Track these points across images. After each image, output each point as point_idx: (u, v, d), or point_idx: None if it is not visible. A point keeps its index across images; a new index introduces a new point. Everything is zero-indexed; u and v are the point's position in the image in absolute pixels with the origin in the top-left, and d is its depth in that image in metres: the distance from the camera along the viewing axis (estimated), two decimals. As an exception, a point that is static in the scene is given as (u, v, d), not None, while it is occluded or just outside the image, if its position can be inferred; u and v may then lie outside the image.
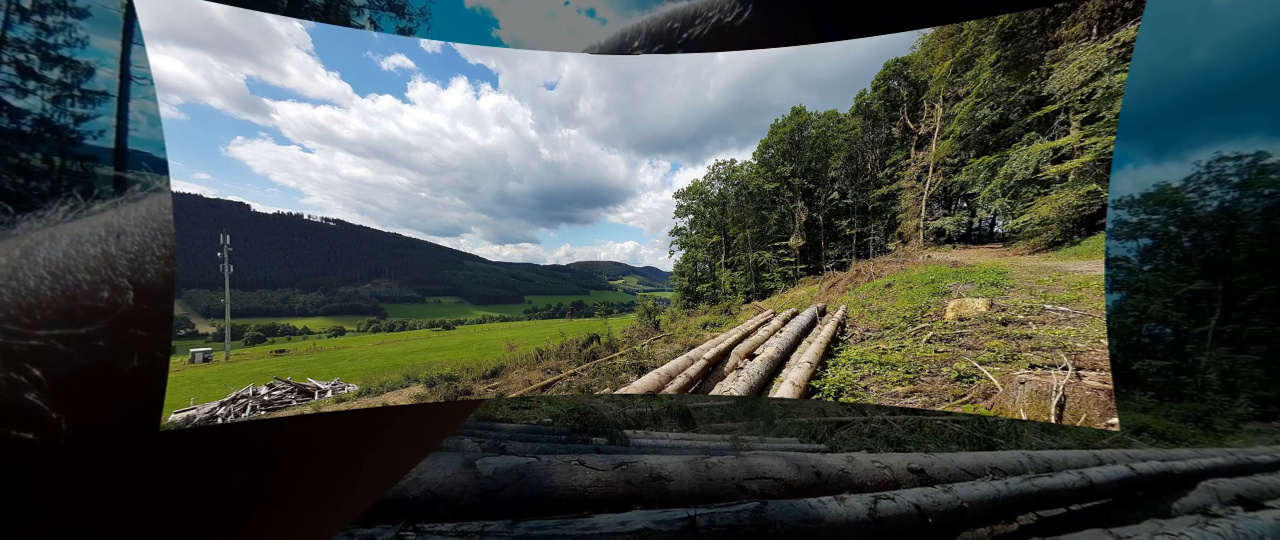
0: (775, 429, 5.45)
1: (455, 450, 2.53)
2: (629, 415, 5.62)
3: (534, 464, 1.77)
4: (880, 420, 5.72)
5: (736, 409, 5.65)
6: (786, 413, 5.16)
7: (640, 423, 5.55)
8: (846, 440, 5.42)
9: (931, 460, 3.32)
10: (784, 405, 5.04)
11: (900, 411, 5.58)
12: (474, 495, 1.64)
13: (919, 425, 6.34)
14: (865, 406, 4.77)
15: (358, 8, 17.12)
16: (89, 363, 0.50)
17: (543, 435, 3.75)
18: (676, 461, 1.87)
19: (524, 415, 5.73)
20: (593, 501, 1.66)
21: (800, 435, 5.35)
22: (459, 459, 1.81)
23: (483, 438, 3.16)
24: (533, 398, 5.44)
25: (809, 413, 4.94)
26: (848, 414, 4.98)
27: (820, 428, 5.51)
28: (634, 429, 4.99)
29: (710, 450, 3.43)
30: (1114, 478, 4.12)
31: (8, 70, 13.03)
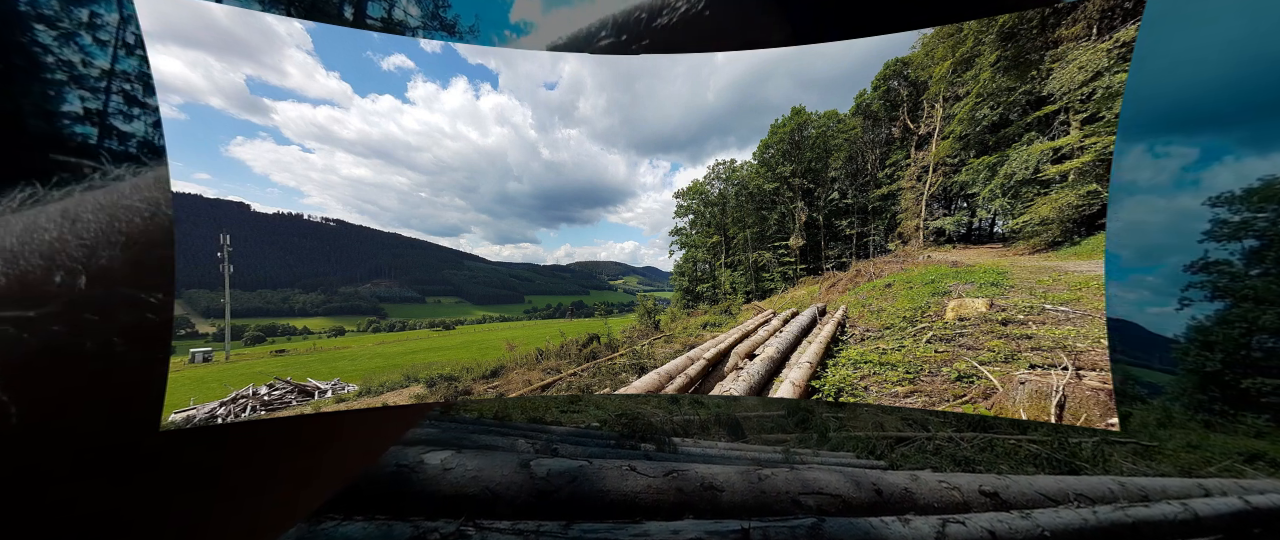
0: (830, 442, 5.18)
1: (510, 450, 2.52)
2: (677, 422, 5.52)
3: (586, 467, 1.77)
4: (945, 437, 5.21)
5: (788, 420, 5.35)
6: (841, 426, 4.83)
7: (688, 430, 5.44)
8: (908, 457, 5.09)
9: (1006, 483, 3.10)
10: (838, 418, 4.77)
11: (969, 428, 5.07)
12: (529, 495, 1.65)
13: (990, 444, 5.86)
14: (928, 422, 4.45)
15: (413, 29, 18.03)
16: (41, 347, 0.50)
17: (592, 439, 3.68)
18: (728, 472, 1.85)
19: (573, 419, 5.67)
20: (644, 508, 1.66)
21: (857, 450, 5.05)
22: (515, 459, 1.82)
23: (535, 439, 3.14)
24: (582, 402, 5.41)
25: (866, 426, 4.63)
26: (909, 429, 4.61)
27: (878, 443, 5.18)
28: (682, 436, 4.89)
29: (762, 461, 3.29)
30: (1224, 511, 3.68)
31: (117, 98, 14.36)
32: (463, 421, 3.98)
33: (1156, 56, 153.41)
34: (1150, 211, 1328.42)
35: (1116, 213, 34.72)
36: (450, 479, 1.73)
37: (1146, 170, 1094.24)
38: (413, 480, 1.72)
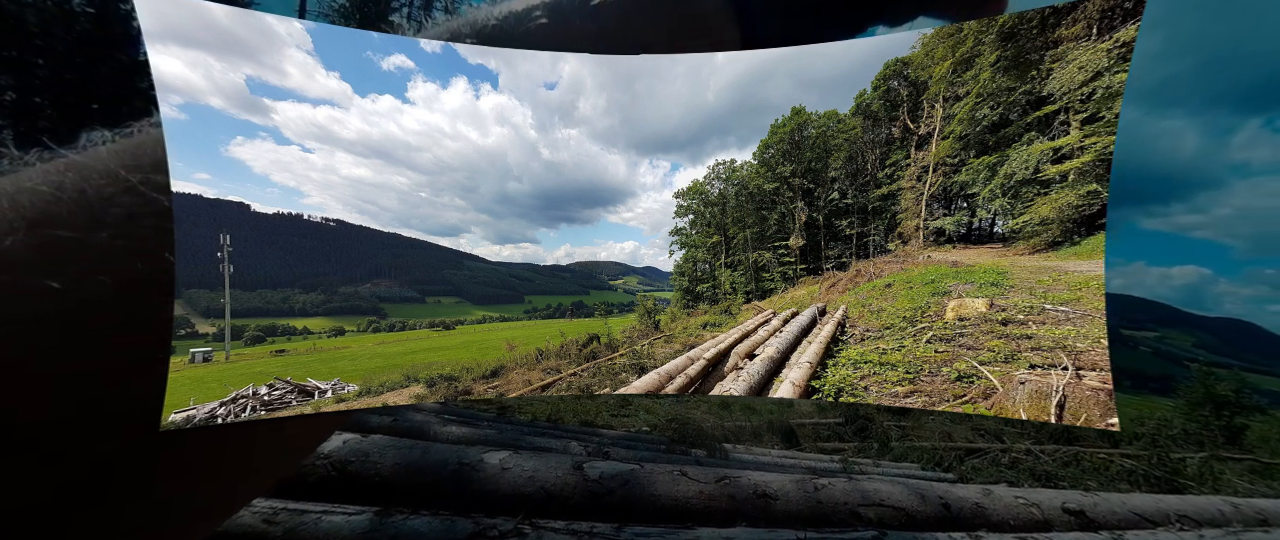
0: (892, 452, 4.72)
1: (563, 452, 2.52)
2: (728, 428, 5.35)
3: (637, 471, 1.78)
4: (1023, 449, 4.60)
5: (845, 428, 4.96)
6: (904, 435, 4.40)
7: (739, 437, 5.26)
8: (980, 471, 4.53)
9: (1094, 501, 2.79)
10: (901, 427, 4.38)
11: (1050, 440, 4.36)
12: (582, 496, 1.67)
13: (1075, 458, 5.06)
14: (1003, 432, 4.00)
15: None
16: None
17: (642, 443, 3.60)
18: (782, 480, 1.82)
19: (623, 422, 5.56)
20: (695, 513, 1.66)
21: (922, 461, 4.59)
22: (568, 461, 1.83)
23: (587, 442, 3.10)
24: (632, 404, 5.26)
25: (931, 436, 4.24)
26: (981, 440, 4.15)
27: (946, 454, 4.66)
28: (733, 443, 4.73)
29: (817, 470, 3.08)
30: (1366, 539, 3.07)
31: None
32: (517, 423, 3.97)
33: (1276, 11, 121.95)
34: (1269, 196, 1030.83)
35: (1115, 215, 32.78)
36: (508, 478, 1.76)
37: (1264, 148, 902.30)
38: (473, 478, 1.76)
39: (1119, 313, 22.49)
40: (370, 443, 1.90)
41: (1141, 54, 2.23)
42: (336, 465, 1.78)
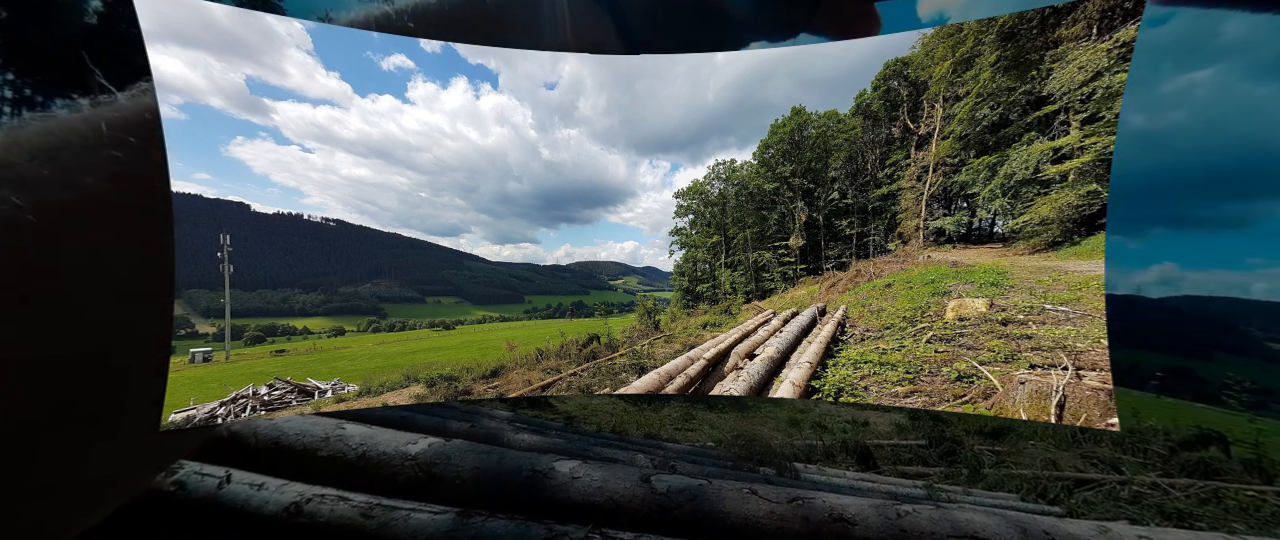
0: (984, 480, 4.35)
1: (630, 464, 2.51)
2: (798, 447, 5.24)
3: (706, 487, 1.77)
4: (1148, 483, 4.06)
5: (929, 451, 4.65)
6: (1000, 461, 4.01)
7: (810, 456, 5.14)
8: (1093, 505, 4.03)
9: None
10: (995, 452, 4.06)
11: (1181, 473, 3.74)
12: (650, 509, 1.67)
13: (1215, 495, 4.36)
14: (1121, 463, 3.62)
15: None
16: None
17: (708, 458, 3.55)
18: (860, 504, 1.78)
19: (688, 436, 5.49)
20: (766, 534, 1.65)
21: (1021, 491, 4.17)
22: (636, 473, 1.84)
23: (653, 454, 3.07)
24: (697, 420, 5.16)
25: (1033, 464, 3.88)
26: (1093, 469, 3.75)
27: (1050, 484, 4.20)
28: (804, 462, 4.62)
29: (899, 496, 2.92)
30: None
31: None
32: (584, 434, 3.98)
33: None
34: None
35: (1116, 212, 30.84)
36: (578, 487, 1.78)
37: None
38: (545, 485, 1.78)
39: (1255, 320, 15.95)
40: (452, 447, 1.92)
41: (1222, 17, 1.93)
42: (423, 467, 1.80)
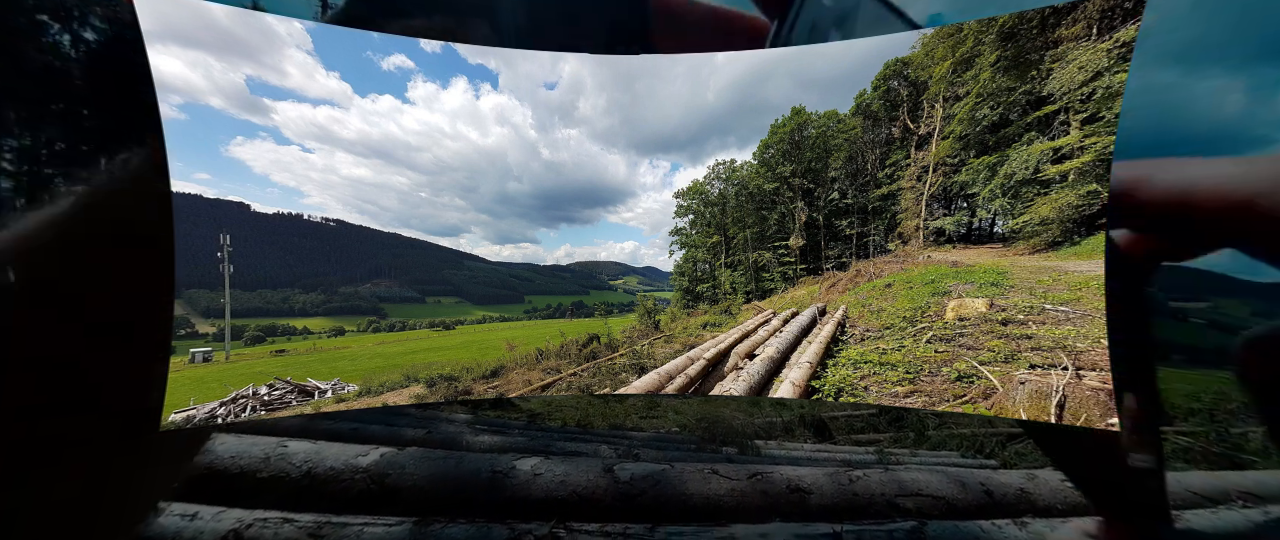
0: (929, 441, 4.69)
1: (593, 456, 2.55)
2: (759, 425, 5.39)
3: (668, 471, 1.80)
4: None
5: (879, 419, 4.87)
6: (942, 423, 4.29)
7: (771, 433, 5.31)
8: (1024, 456, 4.42)
9: None
10: (938, 415, 4.27)
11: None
12: (614, 498, 1.69)
13: None
14: None
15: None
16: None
17: (672, 444, 3.63)
18: (816, 473, 1.82)
19: (652, 424, 5.60)
20: (728, 511, 1.69)
21: (962, 449, 4.57)
22: (599, 464, 1.86)
23: (617, 445, 3.12)
24: (661, 405, 5.31)
25: (971, 422, 4.11)
26: (1022, 427, 4.06)
27: (987, 441, 4.56)
28: (764, 439, 4.78)
29: (852, 463, 3.07)
30: None
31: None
32: (547, 430, 4.04)
33: None
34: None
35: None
36: (540, 484, 1.79)
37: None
38: (506, 485, 1.79)
39: (1161, 285, 22.42)
40: (406, 455, 1.92)
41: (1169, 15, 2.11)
42: (375, 478, 1.79)
